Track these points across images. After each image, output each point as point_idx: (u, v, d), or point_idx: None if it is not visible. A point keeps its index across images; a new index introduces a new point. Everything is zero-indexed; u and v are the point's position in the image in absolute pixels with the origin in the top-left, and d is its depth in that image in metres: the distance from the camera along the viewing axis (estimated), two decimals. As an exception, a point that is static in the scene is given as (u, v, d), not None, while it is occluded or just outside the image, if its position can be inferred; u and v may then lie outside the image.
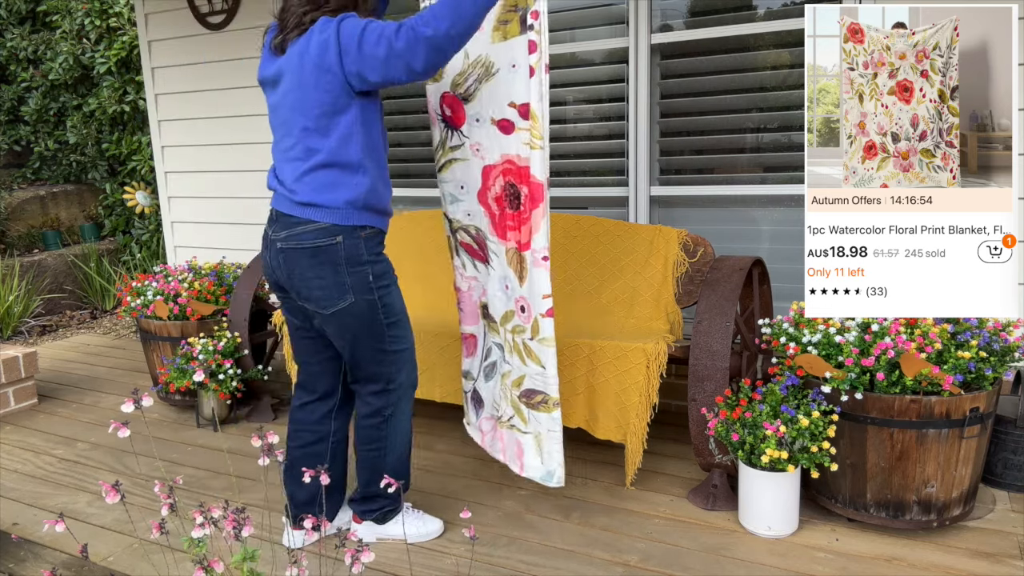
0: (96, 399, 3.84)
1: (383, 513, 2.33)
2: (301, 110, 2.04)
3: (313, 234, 2.06)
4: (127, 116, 6.05)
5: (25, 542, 2.44)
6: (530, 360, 2.29)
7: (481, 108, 2.26)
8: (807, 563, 2.16)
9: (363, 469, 2.29)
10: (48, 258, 5.73)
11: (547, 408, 2.28)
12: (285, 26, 2.09)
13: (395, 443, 2.27)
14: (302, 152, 2.07)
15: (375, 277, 2.10)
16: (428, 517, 2.38)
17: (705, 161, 3.31)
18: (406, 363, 2.23)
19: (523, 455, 2.41)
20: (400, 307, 2.19)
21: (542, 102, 2.07)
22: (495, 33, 2.17)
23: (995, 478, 2.55)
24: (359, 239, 2.07)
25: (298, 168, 2.09)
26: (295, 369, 3.18)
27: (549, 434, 2.30)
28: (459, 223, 2.44)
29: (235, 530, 1.49)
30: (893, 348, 2.14)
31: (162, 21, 4.47)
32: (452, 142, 2.37)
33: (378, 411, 2.23)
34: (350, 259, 2.06)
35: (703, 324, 2.42)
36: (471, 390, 2.62)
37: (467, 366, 2.64)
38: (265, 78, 2.18)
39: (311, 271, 2.07)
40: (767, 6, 3.09)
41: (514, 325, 2.33)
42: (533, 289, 2.19)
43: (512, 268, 2.28)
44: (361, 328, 2.12)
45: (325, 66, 1.97)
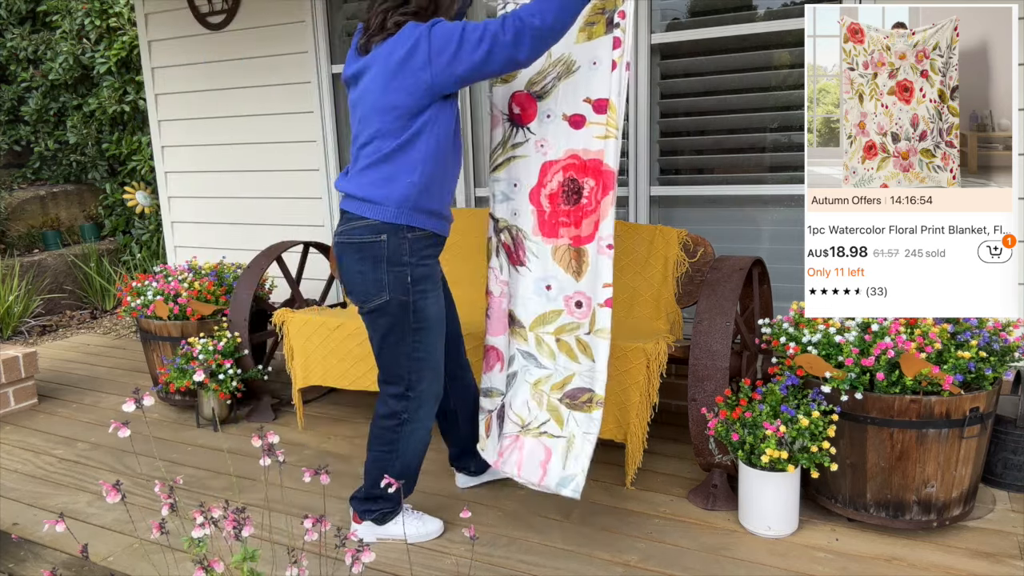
0: (96, 399, 3.84)
1: (382, 514, 2.33)
2: (378, 110, 2.09)
3: (361, 231, 2.12)
4: (127, 116, 6.05)
5: (25, 542, 2.44)
6: (583, 356, 2.29)
7: (555, 104, 2.33)
8: (807, 563, 2.16)
9: (371, 469, 2.28)
10: (48, 258, 5.73)
11: (589, 408, 2.26)
12: (369, 28, 2.14)
13: (407, 449, 2.26)
14: (371, 150, 2.13)
15: (413, 280, 2.13)
16: (428, 517, 2.38)
17: (705, 161, 3.31)
18: (429, 372, 2.22)
19: (548, 461, 2.31)
20: (434, 316, 2.19)
21: (620, 96, 2.18)
22: (580, 34, 2.29)
23: (995, 478, 2.55)
24: (404, 239, 2.11)
25: (361, 164, 2.15)
26: (294, 369, 3.18)
27: (584, 436, 2.25)
28: (505, 223, 2.45)
29: (235, 530, 1.49)
30: (893, 348, 2.14)
31: (162, 21, 4.47)
32: (516, 139, 2.42)
33: (395, 414, 2.23)
34: (391, 258, 2.11)
35: (703, 324, 2.42)
36: (496, 407, 2.44)
37: (489, 382, 2.45)
38: (347, 77, 2.23)
39: (355, 265, 2.14)
40: (767, 6, 3.09)
41: (561, 325, 2.35)
42: (596, 279, 2.21)
43: (561, 265, 2.32)
44: (390, 328, 2.15)
45: (410, 69, 2.02)
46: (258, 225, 4.44)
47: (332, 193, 4.13)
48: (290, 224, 4.32)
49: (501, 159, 2.46)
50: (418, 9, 2.09)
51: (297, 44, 4.04)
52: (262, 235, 4.42)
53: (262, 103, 4.25)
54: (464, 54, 1.99)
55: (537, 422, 2.37)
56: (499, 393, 2.44)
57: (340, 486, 2.74)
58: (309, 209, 4.23)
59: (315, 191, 4.18)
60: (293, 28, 4.04)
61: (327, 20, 3.96)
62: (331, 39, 3.99)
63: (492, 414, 2.44)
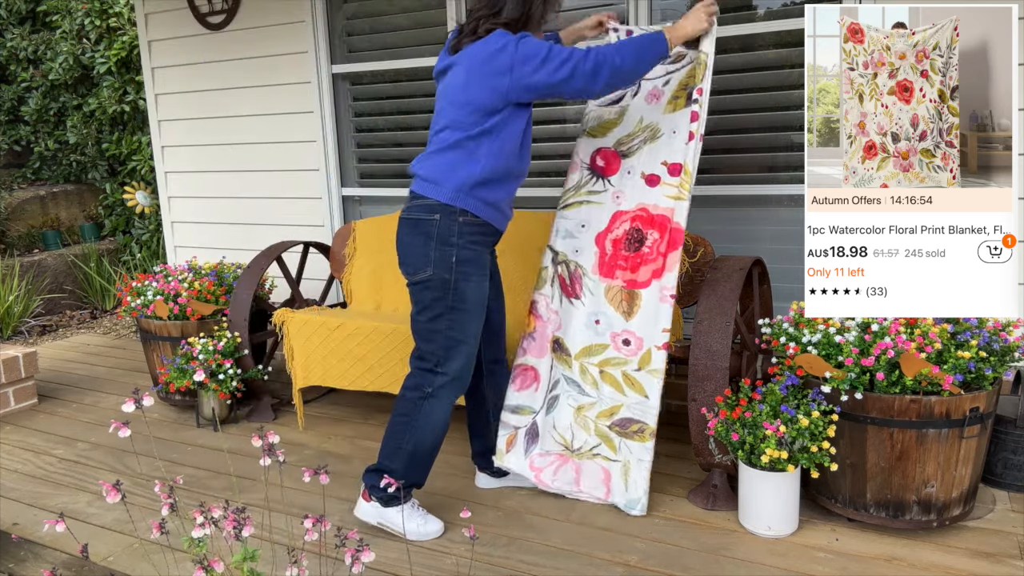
0: (96, 399, 3.84)
1: (388, 495, 2.34)
2: (457, 105, 2.25)
3: (419, 208, 2.27)
4: (127, 116, 6.05)
5: (25, 542, 2.44)
6: (631, 390, 2.47)
7: (636, 163, 2.63)
8: (807, 563, 2.16)
9: (387, 439, 2.34)
10: (48, 258, 5.73)
11: (642, 438, 2.44)
12: (463, 31, 2.31)
13: (424, 426, 2.30)
14: (442, 138, 2.29)
15: (458, 261, 2.25)
16: (431, 517, 2.38)
17: (705, 161, 3.31)
18: (460, 355, 2.30)
19: (610, 481, 2.48)
20: (473, 299, 2.28)
21: (694, 163, 2.49)
22: (668, 106, 2.63)
23: (995, 478, 2.55)
24: (455, 221, 2.24)
25: (431, 149, 2.31)
26: (294, 369, 3.18)
27: (639, 463, 2.44)
28: (563, 256, 2.66)
29: (235, 530, 1.49)
30: (893, 348, 2.14)
31: (162, 21, 4.47)
32: (594, 187, 2.70)
33: (420, 386, 2.31)
34: (441, 236, 2.24)
35: (703, 324, 2.42)
36: (526, 424, 2.59)
37: (521, 400, 2.60)
38: (437, 72, 2.39)
39: (408, 238, 2.30)
40: (767, 6, 3.09)
41: (606, 358, 2.52)
42: (655, 323, 2.43)
43: (612, 304, 2.52)
44: (430, 301, 2.26)
45: (491, 71, 2.18)
46: (258, 225, 4.44)
47: (332, 193, 4.13)
48: (290, 224, 4.32)
49: (573, 200, 2.71)
50: (509, 20, 2.24)
51: (297, 44, 4.05)
52: (262, 235, 4.42)
53: (262, 103, 4.25)
54: (545, 71, 2.17)
55: (588, 446, 2.53)
56: (530, 411, 2.60)
57: (340, 486, 2.74)
58: (309, 209, 4.23)
59: (315, 191, 4.18)
60: (293, 28, 4.04)
61: (327, 20, 3.96)
62: (331, 39, 4.00)
63: (519, 431, 2.60)
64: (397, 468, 2.31)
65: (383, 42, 3.91)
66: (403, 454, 2.31)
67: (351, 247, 3.63)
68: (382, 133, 4.03)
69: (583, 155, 2.74)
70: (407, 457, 2.31)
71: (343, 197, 4.16)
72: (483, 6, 2.27)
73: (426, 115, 3.88)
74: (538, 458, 2.57)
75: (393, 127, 3.99)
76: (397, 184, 4.03)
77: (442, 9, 3.69)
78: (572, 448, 2.55)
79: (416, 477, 2.36)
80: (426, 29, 3.77)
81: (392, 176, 4.06)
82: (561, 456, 2.56)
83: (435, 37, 3.75)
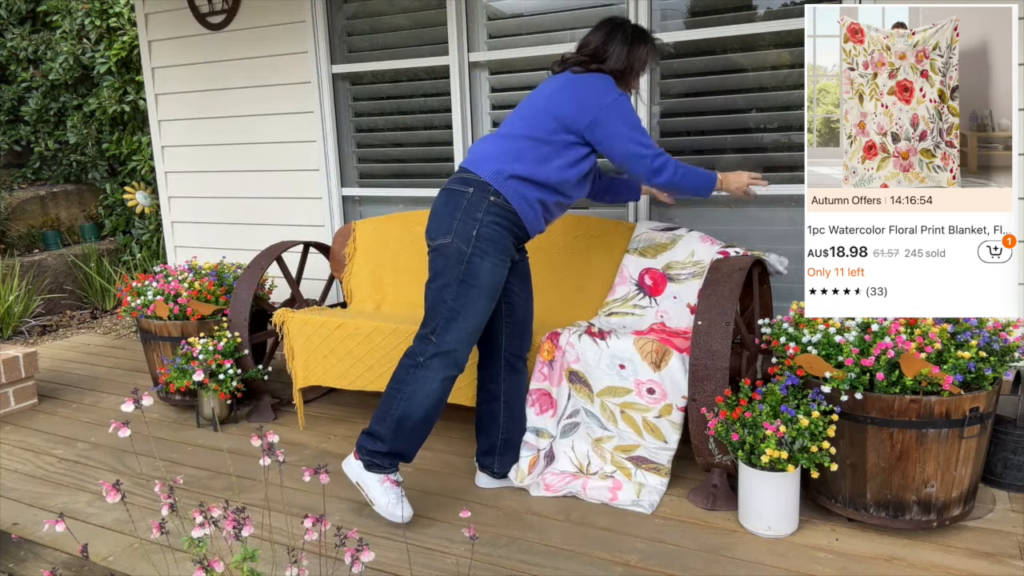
0: (96, 399, 3.84)
1: (372, 461, 2.37)
2: (539, 109, 2.38)
3: (457, 181, 2.36)
4: (127, 116, 6.05)
5: (25, 542, 2.44)
6: (650, 435, 2.56)
7: (683, 291, 2.87)
8: (807, 563, 2.16)
9: (381, 404, 2.38)
10: (48, 258, 5.73)
11: (660, 474, 2.56)
12: (566, 62, 2.47)
13: (413, 396, 2.32)
14: (511, 130, 2.40)
15: (478, 237, 2.29)
16: (406, 503, 2.40)
17: (705, 161, 3.31)
18: (457, 329, 2.31)
19: (619, 489, 2.54)
20: (485, 280, 2.31)
21: None
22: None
23: (995, 478, 2.55)
24: (487, 200, 2.31)
25: (497, 134, 2.43)
26: (294, 369, 3.18)
27: (653, 489, 2.53)
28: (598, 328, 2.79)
29: (235, 530, 1.49)
30: (893, 348, 2.14)
31: (162, 21, 4.47)
32: (639, 302, 2.90)
33: (413, 354, 2.35)
34: (468, 209, 2.30)
35: (703, 324, 2.42)
36: (547, 447, 2.67)
37: (541, 424, 2.68)
38: (535, 87, 2.64)
39: (438, 203, 2.38)
40: (767, 6, 3.09)
41: (628, 401, 2.59)
42: (679, 386, 2.50)
43: (641, 354, 2.54)
44: (442, 269, 2.32)
45: (582, 98, 2.34)
46: (258, 225, 4.45)
47: (332, 193, 4.13)
48: (290, 224, 4.32)
49: (619, 310, 2.94)
50: (612, 70, 2.42)
51: (297, 44, 4.05)
52: (262, 235, 4.42)
53: (262, 103, 4.25)
54: (623, 134, 2.34)
55: (604, 472, 2.61)
56: (549, 435, 2.68)
57: (340, 486, 2.74)
58: (309, 209, 4.23)
59: (315, 191, 4.18)
60: (293, 28, 4.04)
61: (327, 20, 3.96)
62: (331, 39, 4.00)
63: (540, 452, 2.66)
64: (385, 434, 2.35)
65: (383, 42, 3.91)
66: (391, 421, 2.34)
67: (351, 247, 3.63)
68: (382, 133, 4.03)
69: (631, 271, 2.95)
70: (394, 424, 2.34)
71: (343, 197, 4.16)
72: (589, 53, 2.43)
73: (426, 115, 3.88)
74: (550, 476, 2.63)
75: (393, 127, 3.99)
76: (397, 184, 4.03)
77: (442, 9, 3.69)
78: (587, 472, 2.63)
79: (403, 447, 2.37)
80: (426, 29, 3.77)
81: (392, 176, 4.06)
82: (574, 476, 2.62)
83: (435, 37, 3.75)
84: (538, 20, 3.51)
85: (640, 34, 2.46)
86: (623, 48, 2.42)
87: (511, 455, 2.64)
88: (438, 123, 3.86)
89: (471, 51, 3.66)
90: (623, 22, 2.47)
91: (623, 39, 2.42)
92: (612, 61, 2.41)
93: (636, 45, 2.44)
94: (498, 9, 3.60)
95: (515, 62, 3.59)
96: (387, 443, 2.36)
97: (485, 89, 3.70)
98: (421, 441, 2.40)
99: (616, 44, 2.42)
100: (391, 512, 2.37)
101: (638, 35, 2.46)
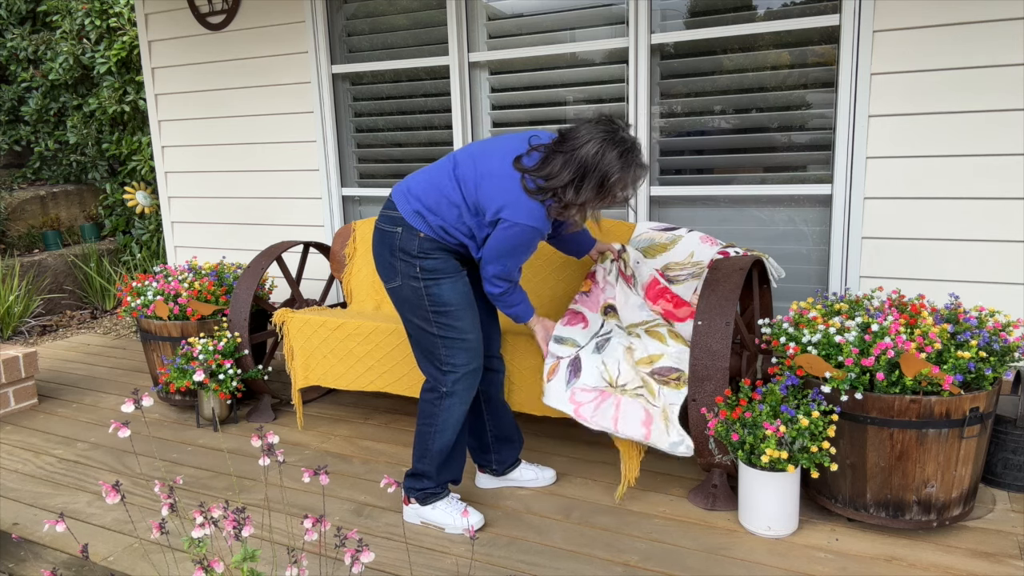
0: (96, 399, 3.84)
1: (424, 495, 2.41)
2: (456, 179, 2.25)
3: (386, 220, 2.31)
4: (127, 116, 6.05)
5: (25, 542, 2.44)
6: (674, 341, 2.57)
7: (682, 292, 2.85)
8: (807, 563, 2.16)
9: (417, 442, 2.40)
10: (48, 258, 5.73)
11: (678, 385, 2.49)
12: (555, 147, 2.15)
13: (445, 428, 2.35)
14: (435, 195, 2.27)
15: (423, 270, 2.27)
16: (471, 511, 2.42)
17: (705, 161, 3.31)
18: (460, 350, 2.31)
19: (651, 424, 2.46)
20: (452, 300, 2.29)
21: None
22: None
23: (995, 478, 2.55)
24: (416, 236, 2.26)
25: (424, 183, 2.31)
26: (294, 369, 3.18)
27: (671, 407, 2.47)
28: (626, 257, 2.80)
29: (235, 530, 1.49)
30: (893, 348, 2.14)
31: (162, 21, 4.47)
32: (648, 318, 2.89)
33: (435, 387, 2.36)
34: (403, 247, 2.27)
35: (703, 324, 2.42)
36: (570, 356, 2.56)
37: (566, 333, 2.61)
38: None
39: (375, 244, 2.35)
40: (767, 6, 3.09)
41: (652, 322, 2.67)
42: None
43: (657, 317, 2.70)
44: (410, 309, 2.31)
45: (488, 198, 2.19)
46: (258, 225, 4.45)
47: (332, 193, 4.13)
48: (290, 224, 4.32)
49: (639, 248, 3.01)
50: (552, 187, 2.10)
51: (297, 44, 4.05)
52: (262, 235, 4.42)
53: (262, 103, 4.25)
54: (495, 249, 2.20)
55: (632, 384, 2.52)
56: (575, 344, 2.61)
57: (340, 486, 2.74)
58: (309, 209, 4.23)
59: (315, 191, 4.18)
60: (293, 28, 4.04)
61: (327, 20, 3.96)
62: (331, 39, 4.00)
63: (562, 360, 2.58)
64: (429, 471, 2.39)
65: (383, 42, 3.91)
66: (431, 457, 2.37)
67: (351, 247, 3.63)
68: (382, 133, 4.03)
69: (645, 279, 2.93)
70: (436, 459, 2.38)
71: (343, 197, 4.16)
72: (537, 166, 2.12)
73: (425, 115, 3.88)
74: (580, 392, 2.53)
75: (393, 127, 3.99)
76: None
77: (442, 9, 3.69)
78: (616, 384, 2.52)
79: (448, 475, 2.43)
80: (426, 29, 3.77)
81: (392, 176, 4.06)
82: (604, 392, 2.51)
83: (435, 37, 3.75)
84: (538, 20, 3.51)
85: (611, 191, 2.11)
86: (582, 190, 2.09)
87: (507, 451, 2.64)
88: (438, 123, 3.86)
89: (471, 51, 3.66)
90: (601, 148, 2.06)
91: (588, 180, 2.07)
92: (556, 180, 2.09)
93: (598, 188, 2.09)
94: (498, 9, 3.60)
95: (515, 62, 3.59)
96: (434, 479, 2.40)
97: (485, 89, 3.70)
98: (463, 461, 2.47)
99: (582, 195, 2.09)
100: (463, 527, 2.40)
101: (609, 190, 2.10)
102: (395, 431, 3.27)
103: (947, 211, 2.87)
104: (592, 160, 2.06)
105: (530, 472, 2.69)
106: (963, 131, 2.79)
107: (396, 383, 2.98)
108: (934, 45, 2.78)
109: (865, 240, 2.98)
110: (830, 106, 3.02)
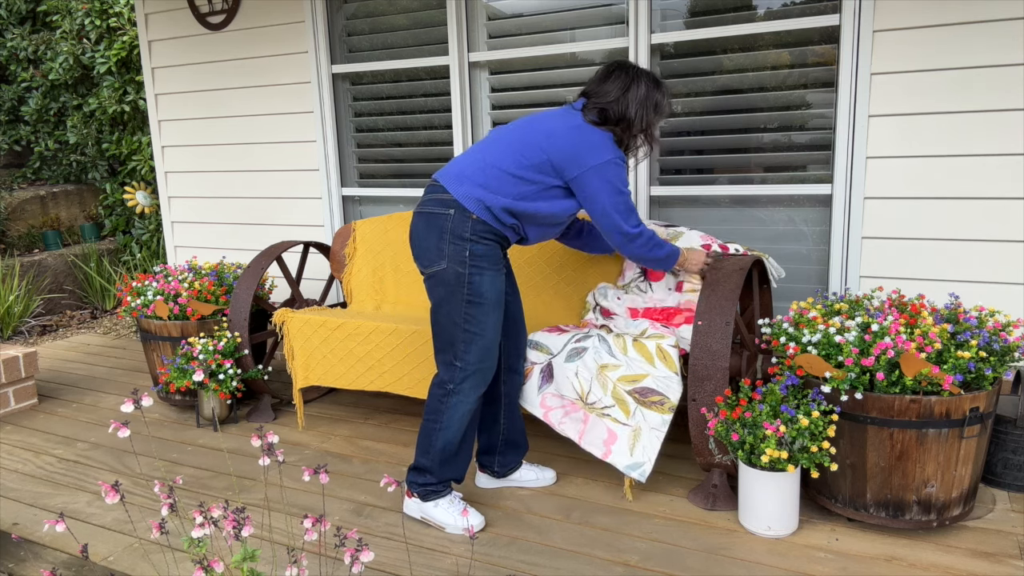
0: (96, 399, 3.84)
1: (426, 491, 2.41)
2: (516, 153, 2.32)
3: (435, 203, 2.31)
4: (127, 116, 6.05)
5: (25, 542, 2.44)
6: (662, 363, 2.50)
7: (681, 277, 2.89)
8: (807, 563, 2.16)
9: (421, 437, 2.40)
10: (48, 258, 5.73)
11: (661, 409, 2.46)
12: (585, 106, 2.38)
13: (450, 423, 2.35)
14: (493, 172, 2.32)
15: (472, 255, 2.27)
16: (472, 511, 2.42)
17: (705, 161, 3.31)
18: (478, 348, 2.32)
19: (614, 443, 2.50)
20: (489, 295, 2.30)
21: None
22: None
23: (995, 478, 2.55)
24: (469, 219, 2.27)
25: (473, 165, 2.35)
26: (294, 369, 3.18)
27: (652, 431, 2.46)
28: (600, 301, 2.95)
29: (235, 530, 1.49)
30: (893, 348, 2.14)
31: (162, 21, 4.47)
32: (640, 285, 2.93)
33: (443, 383, 2.36)
34: (453, 230, 2.27)
35: (703, 324, 2.42)
36: (542, 362, 2.65)
37: (541, 338, 2.70)
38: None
39: (419, 227, 2.34)
40: (767, 6, 3.09)
41: (643, 331, 2.66)
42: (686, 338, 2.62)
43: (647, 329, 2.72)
44: (445, 295, 2.30)
45: (564, 156, 2.28)
46: (258, 225, 4.45)
47: (332, 193, 4.13)
48: (290, 224, 4.32)
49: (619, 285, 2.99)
50: (612, 125, 2.34)
51: (297, 44, 4.05)
52: (262, 235, 4.42)
53: (262, 103, 4.25)
54: (604, 200, 2.30)
55: (600, 404, 2.54)
56: (548, 351, 2.67)
57: (340, 486, 2.74)
58: (309, 209, 4.23)
59: (315, 191, 4.18)
60: (293, 28, 4.04)
61: (327, 20, 3.96)
62: (331, 39, 4.00)
63: (536, 366, 2.67)
64: (432, 466, 2.39)
65: (383, 42, 3.91)
66: (434, 453, 2.37)
67: (351, 247, 3.63)
68: (382, 133, 4.03)
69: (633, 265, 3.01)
70: (439, 455, 2.37)
71: (343, 197, 4.16)
72: (603, 108, 2.33)
73: (426, 115, 3.88)
74: (551, 397, 2.61)
75: (393, 127, 3.99)
76: (397, 184, 4.03)
77: (442, 9, 3.69)
78: (586, 401, 2.56)
79: (451, 473, 2.43)
80: (426, 29, 3.77)
81: (392, 176, 4.06)
82: (573, 404, 2.58)
83: (435, 37, 3.75)
84: (538, 20, 3.51)
85: (657, 104, 2.38)
86: (639, 110, 2.34)
87: (512, 455, 2.64)
88: (438, 123, 3.86)
89: (471, 51, 3.66)
90: (637, 78, 2.36)
91: (639, 104, 2.34)
92: (622, 123, 2.34)
93: (650, 111, 2.36)
94: (498, 9, 3.60)
95: (515, 62, 3.59)
96: (436, 474, 2.40)
97: (485, 89, 3.70)
98: (467, 460, 2.45)
99: (633, 106, 2.33)
100: (463, 527, 2.40)
101: (654, 102, 2.37)
102: (395, 431, 3.27)
103: (947, 211, 2.87)
104: (635, 82, 2.35)
105: (531, 473, 2.69)
106: (963, 131, 2.79)
107: (396, 383, 2.98)
108: (934, 45, 2.78)
109: (865, 240, 2.98)
110: (830, 106, 3.02)
